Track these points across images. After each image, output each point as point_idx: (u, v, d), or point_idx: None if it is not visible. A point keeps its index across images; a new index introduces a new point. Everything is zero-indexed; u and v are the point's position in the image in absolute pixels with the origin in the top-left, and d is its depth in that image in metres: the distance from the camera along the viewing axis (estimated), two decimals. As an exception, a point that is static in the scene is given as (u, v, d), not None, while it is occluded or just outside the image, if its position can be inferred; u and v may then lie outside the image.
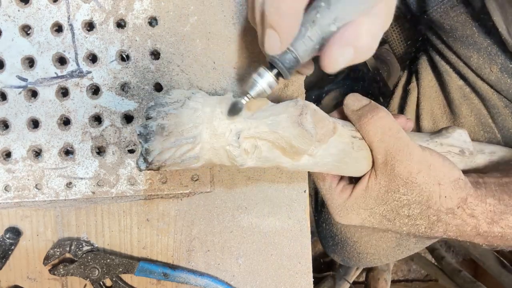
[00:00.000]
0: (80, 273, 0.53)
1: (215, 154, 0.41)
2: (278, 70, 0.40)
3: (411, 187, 0.45)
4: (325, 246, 0.90)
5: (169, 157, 0.39)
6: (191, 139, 0.39)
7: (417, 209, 0.46)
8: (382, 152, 0.45)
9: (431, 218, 0.46)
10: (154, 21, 0.53)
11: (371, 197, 0.46)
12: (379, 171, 0.45)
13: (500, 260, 1.22)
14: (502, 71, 0.65)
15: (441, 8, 0.67)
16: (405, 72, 0.84)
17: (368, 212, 0.47)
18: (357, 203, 0.47)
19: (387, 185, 0.45)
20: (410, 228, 0.48)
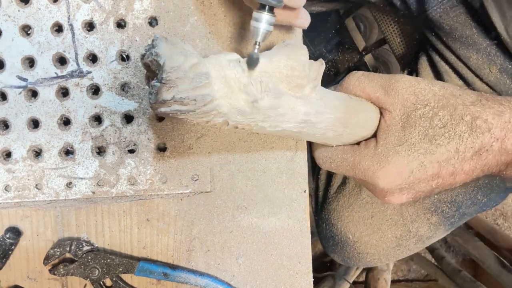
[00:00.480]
0: (80, 273, 0.53)
1: (225, 83, 0.39)
2: (268, 5, 0.41)
3: (423, 95, 0.43)
4: (325, 246, 0.90)
5: (179, 65, 0.36)
6: (196, 54, 0.38)
7: (447, 114, 0.43)
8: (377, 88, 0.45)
9: (466, 118, 0.43)
10: (154, 21, 0.53)
11: (398, 130, 0.44)
12: (387, 104, 0.45)
13: (500, 260, 1.22)
14: (501, 72, 0.65)
15: (440, 8, 0.67)
16: (405, 72, 0.84)
17: (406, 146, 0.44)
18: (389, 143, 0.44)
19: (404, 110, 0.44)
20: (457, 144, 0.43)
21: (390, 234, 0.77)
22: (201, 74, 0.37)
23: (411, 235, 0.76)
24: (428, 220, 0.75)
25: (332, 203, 0.83)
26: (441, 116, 0.43)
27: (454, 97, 0.44)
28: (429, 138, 0.43)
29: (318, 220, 0.90)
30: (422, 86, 0.44)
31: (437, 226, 0.76)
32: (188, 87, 0.36)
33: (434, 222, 0.75)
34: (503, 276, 1.17)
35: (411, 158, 0.44)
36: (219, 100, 0.38)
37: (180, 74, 0.36)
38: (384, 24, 0.99)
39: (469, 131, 0.43)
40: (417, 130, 0.43)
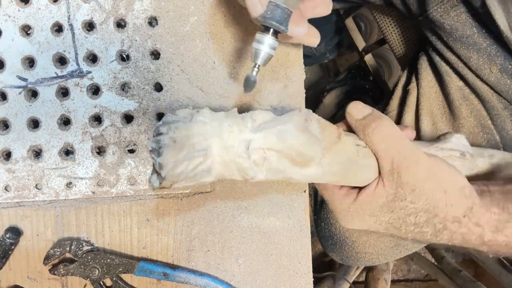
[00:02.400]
0: (80, 273, 0.53)
1: (226, 167, 0.41)
2: (273, 29, 0.40)
3: (418, 195, 0.44)
4: (324, 245, 0.90)
5: (181, 171, 0.39)
6: (202, 151, 0.39)
7: (424, 217, 0.46)
8: (388, 160, 0.45)
9: (437, 226, 0.46)
10: (154, 21, 0.53)
11: (377, 204, 0.46)
12: (386, 179, 0.45)
13: (500, 260, 1.22)
14: (501, 72, 0.65)
15: (441, 8, 0.67)
16: (405, 72, 0.84)
17: (374, 218, 0.47)
18: (362, 209, 0.47)
19: (394, 193, 0.45)
20: (415, 235, 0.47)
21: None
22: (202, 171, 0.40)
23: None
24: None
25: None
26: (418, 216, 0.46)
27: (444, 206, 0.45)
28: (396, 225, 0.47)
29: (317, 219, 0.90)
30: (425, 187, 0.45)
31: None
32: (187, 182, 0.40)
33: None
34: (503, 276, 1.17)
35: (372, 228, 0.48)
36: (215, 178, 0.41)
37: (181, 177, 0.39)
38: (384, 24, 0.99)
39: (433, 233, 0.47)
40: (391, 215, 0.46)
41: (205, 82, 0.54)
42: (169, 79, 0.53)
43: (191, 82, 0.54)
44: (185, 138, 0.39)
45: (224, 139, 0.40)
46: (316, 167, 0.43)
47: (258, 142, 0.40)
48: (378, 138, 0.45)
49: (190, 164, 0.39)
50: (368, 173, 0.46)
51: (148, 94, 0.53)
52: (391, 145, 0.45)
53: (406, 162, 0.44)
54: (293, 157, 0.41)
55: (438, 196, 0.45)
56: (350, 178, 0.46)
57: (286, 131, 0.41)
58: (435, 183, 0.45)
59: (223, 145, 0.40)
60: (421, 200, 0.45)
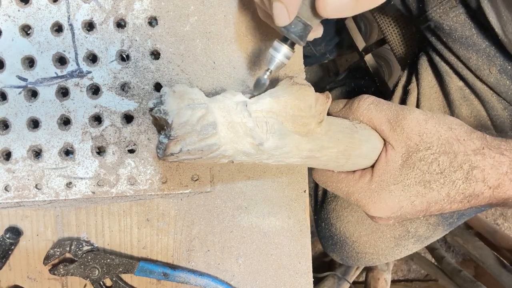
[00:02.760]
0: (80, 273, 0.53)
1: (232, 129, 0.40)
2: (291, 40, 0.42)
3: (428, 138, 0.44)
4: (324, 245, 0.90)
5: (187, 120, 0.38)
6: (203, 104, 0.39)
7: (446, 161, 0.44)
8: (384, 120, 0.45)
9: (464, 167, 0.44)
10: (154, 21, 0.53)
11: (396, 168, 0.44)
12: (391, 139, 0.45)
13: (500, 260, 1.22)
14: (501, 73, 0.65)
15: (440, 9, 0.67)
16: (405, 72, 0.84)
17: (400, 186, 0.45)
18: (384, 181, 0.45)
19: (406, 149, 0.44)
20: (449, 190, 0.45)
21: (389, 234, 0.77)
22: (208, 125, 0.39)
23: (409, 235, 0.76)
24: (426, 220, 0.75)
25: (331, 203, 0.83)
26: (440, 161, 0.44)
27: (458, 143, 0.44)
28: (424, 182, 0.44)
29: (318, 219, 0.90)
30: (428, 127, 0.44)
31: (435, 226, 0.76)
32: (195, 139, 0.38)
33: (433, 223, 0.75)
34: (503, 276, 1.17)
35: (403, 198, 0.45)
36: (225, 145, 0.40)
37: (187, 129, 0.38)
38: (384, 24, 0.99)
39: (464, 179, 0.44)
40: (414, 173, 0.44)
41: (205, 82, 0.54)
42: (169, 79, 0.53)
43: (191, 82, 0.54)
44: (184, 92, 0.39)
45: (220, 101, 0.40)
46: (319, 132, 0.43)
47: (255, 106, 0.41)
48: (365, 107, 0.46)
49: (193, 114, 0.38)
50: (372, 142, 0.46)
51: (148, 94, 0.53)
52: (379, 107, 0.45)
53: (401, 113, 0.44)
54: (292, 117, 0.42)
55: (446, 134, 0.44)
56: (357, 148, 0.46)
57: (277, 90, 0.42)
58: (437, 122, 0.44)
59: (222, 106, 0.40)
60: (433, 143, 0.44)
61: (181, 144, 0.38)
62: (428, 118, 0.45)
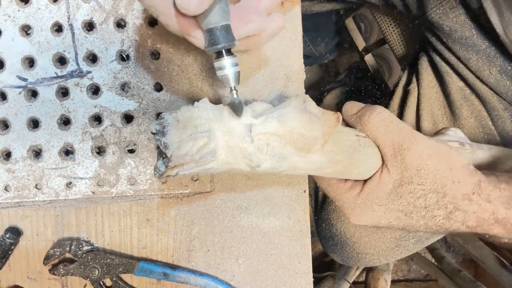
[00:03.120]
0: (80, 273, 0.53)
1: (231, 153, 0.40)
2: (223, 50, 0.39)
3: (424, 174, 0.44)
4: (325, 246, 0.90)
5: (187, 152, 0.38)
6: (206, 133, 0.39)
7: (434, 199, 0.45)
8: (389, 144, 0.45)
9: (448, 207, 0.45)
10: (154, 21, 0.53)
11: (385, 192, 0.45)
12: (389, 164, 0.45)
13: (500, 260, 1.22)
14: (501, 73, 0.65)
15: (440, 9, 0.67)
16: (406, 72, 0.84)
17: (383, 208, 0.46)
18: (370, 200, 0.46)
19: (400, 178, 0.44)
20: (428, 221, 0.46)
21: (390, 234, 0.77)
22: (207, 154, 0.39)
23: (410, 235, 0.76)
24: None
25: (332, 204, 0.83)
26: (428, 198, 0.45)
27: (451, 184, 0.45)
28: (406, 212, 0.46)
29: (318, 220, 0.90)
30: (429, 164, 0.44)
31: None
32: (192, 166, 0.39)
33: None
34: (503, 276, 1.17)
35: (382, 218, 0.47)
36: (222, 167, 0.41)
37: (186, 160, 0.39)
38: (384, 24, 0.99)
39: (445, 216, 0.46)
40: (400, 201, 0.46)
41: (205, 82, 0.54)
42: (169, 79, 0.53)
43: (191, 82, 0.54)
44: (188, 119, 0.39)
45: (225, 123, 0.40)
46: (320, 154, 0.43)
47: (260, 127, 0.40)
48: (375, 124, 0.45)
49: (194, 145, 0.38)
50: (372, 162, 0.46)
51: (148, 94, 0.53)
52: (389, 129, 0.45)
53: (407, 143, 0.44)
54: (295, 140, 0.41)
55: (443, 174, 0.44)
56: (354, 168, 0.46)
57: (286, 114, 0.41)
58: (438, 161, 0.44)
59: (226, 129, 0.40)
60: (427, 180, 0.44)
61: (179, 169, 0.39)
62: (431, 154, 0.44)
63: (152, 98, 0.53)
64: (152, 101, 0.53)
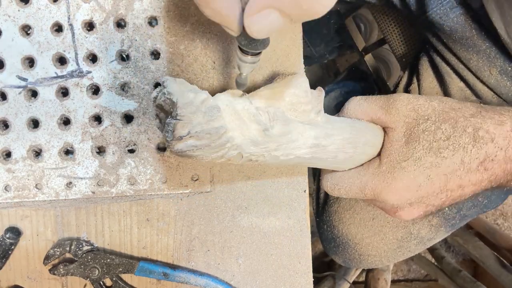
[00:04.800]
0: (80, 273, 0.53)
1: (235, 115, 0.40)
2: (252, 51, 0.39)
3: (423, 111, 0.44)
4: (326, 247, 0.90)
5: (190, 101, 0.38)
6: (205, 91, 0.40)
7: (449, 127, 0.44)
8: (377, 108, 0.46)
9: (468, 130, 0.44)
10: (154, 21, 0.53)
11: (402, 146, 0.44)
12: (389, 122, 0.45)
13: (500, 260, 1.22)
14: (501, 74, 0.65)
15: (440, 9, 0.67)
16: (406, 73, 0.83)
17: (411, 161, 0.44)
18: (393, 160, 0.44)
19: (406, 126, 0.44)
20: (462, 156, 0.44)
21: (391, 236, 0.77)
22: (212, 108, 0.39)
23: (412, 236, 0.76)
24: (429, 222, 0.75)
25: (333, 205, 0.83)
26: (443, 129, 0.43)
27: (454, 111, 0.44)
28: (434, 151, 0.43)
29: (319, 221, 0.89)
30: (421, 102, 0.45)
31: (438, 228, 0.76)
32: (201, 121, 0.38)
33: (435, 224, 0.75)
34: (503, 276, 1.17)
35: (417, 172, 0.44)
36: (232, 131, 0.40)
37: (193, 109, 0.38)
38: (384, 24, 0.99)
39: (472, 142, 0.44)
40: (421, 144, 0.44)
41: (205, 82, 0.54)
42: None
43: (191, 82, 0.54)
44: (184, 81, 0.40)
45: (218, 94, 0.42)
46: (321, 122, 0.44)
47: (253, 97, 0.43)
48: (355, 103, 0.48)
49: (196, 97, 0.39)
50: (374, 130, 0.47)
51: (148, 94, 0.53)
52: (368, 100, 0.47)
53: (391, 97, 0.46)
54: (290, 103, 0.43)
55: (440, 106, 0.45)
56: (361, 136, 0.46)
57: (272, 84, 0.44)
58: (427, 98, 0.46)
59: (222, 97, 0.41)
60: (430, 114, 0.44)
61: (189, 126, 0.37)
62: (417, 96, 0.46)
63: (152, 98, 0.53)
64: (152, 101, 0.53)
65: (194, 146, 0.38)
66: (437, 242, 0.80)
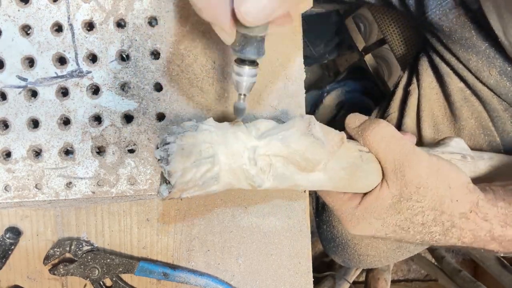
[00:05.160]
0: (80, 273, 0.53)
1: (233, 175, 0.41)
2: (247, 58, 0.39)
3: (423, 192, 0.44)
4: (326, 247, 0.90)
5: (190, 179, 0.39)
6: (210, 158, 0.40)
7: (431, 216, 0.45)
8: (390, 160, 0.45)
9: (445, 224, 0.46)
10: (154, 21, 0.53)
11: (383, 207, 0.46)
12: (389, 180, 0.45)
13: (500, 260, 1.22)
14: (501, 74, 0.65)
15: (439, 10, 0.67)
16: (406, 73, 0.83)
17: (380, 222, 0.46)
18: (368, 212, 0.46)
19: (399, 194, 0.45)
20: (424, 236, 0.47)
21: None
22: (210, 179, 0.40)
23: None
24: None
25: None
26: (425, 215, 0.45)
27: (450, 202, 0.45)
28: (403, 226, 0.46)
29: (319, 222, 0.89)
30: (429, 182, 0.44)
31: None
32: (196, 190, 0.40)
33: None
34: (503, 276, 1.17)
35: (379, 230, 0.47)
36: (223, 187, 0.42)
37: (189, 185, 0.40)
38: (384, 25, 0.99)
39: (441, 233, 0.46)
40: (398, 217, 0.46)
41: (205, 82, 0.54)
42: (169, 79, 0.53)
43: (191, 82, 0.54)
44: (192, 146, 0.40)
45: (229, 146, 0.40)
46: (322, 172, 0.43)
47: (264, 149, 0.41)
48: (378, 138, 0.45)
49: (198, 171, 0.39)
50: (372, 178, 0.46)
51: (148, 94, 0.53)
52: (391, 144, 0.45)
53: (408, 160, 0.44)
54: (298, 162, 0.41)
55: (443, 192, 0.45)
56: (355, 184, 0.46)
57: (290, 136, 0.41)
58: (438, 179, 0.45)
59: (229, 152, 0.40)
60: (426, 198, 0.44)
61: (181, 193, 0.40)
62: (431, 173, 0.45)
63: (152, 98, 0.53)
64: (152, 101, 0.53)
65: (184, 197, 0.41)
66: None
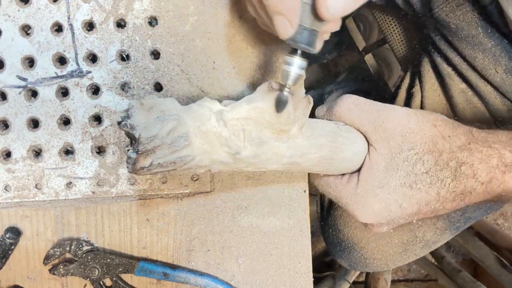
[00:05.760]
0: (80, 273, 0.53)
1: (205, 139, 0.39)
2: (301, 50, 0.41)
3: (410, 137, 0.43)
4: (332, 251, 0.89)
5: (156, 134, 0.36)
6: (174, 116, 0.38)
7: (431, 160, 0.43)
8: (366, 122, 0.44)
9: (451, 164, 0.42)
10: (154, 21, 0.53)
11: (380, 171, 0.43)
12: (374, 142, 0.44)
13: (500, 260, 1.22)
14: (506, 72, 0.65)
15: (447, 7, 0.66)
16: (408, 74, 0.83)
17: (385, 189, 0.43)
18: (369, 184, 0.44)
19: (389, 150, 0.43)
20: (439, 189, 0.43)
21: (397, 239, 0.76)
22: (179, 137, 0.37)
23: (417, 240, 0.76)
24: (434, 225, 0.74)
25: (338, 209, 0.83)
26: (425, 160, 0.43)
27: (443, 140, 0.43)
28: (410, 183, 0.43)
29: (324, 225, 0.89)
30: (411, 125, 0.43)
31: (443, 231, 0.75)
32: (166, 152, 0.37)
33: (440, 227, 0.75)
34: (503, 276, 1.17)
35: (390, 201, 0.44)
36: (200, 156, 0.39)
37: (157, 142, 0.36)
38: (384, 24, 0.98)
39: (452, 176, 0.43)
40: (399, 174, 0.43)
41: (205, 82, 0.54)
42: (169, 79, 0.53)
43: (191, 82, 0.54)
44: (153, 104, 0.38)
45: (194, 111, 0.39)
46: (301, 138, 0.42)
47: (231, 113, 0.40)
48: (346, 108, 0.44)
49: (163, 126, 0.37)
50: (357, 146, 0.45)
51: (148, 94, 0.53)
52: (360, 107, 0.44)
53: (383, 114, 0.43)
54: (270, 123, 0.40)
55: (430, 132, 0.43)
56: (340, 152, 0.45)
57: (254, 98, 0.41)
58: (420, 120, 0.43)
59: (195, 115, 0.39)
60: (416, 142, 0.43)
61: (152, 157, 0.37)
62: (410, 116, 0.43)
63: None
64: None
65: (157, 172, 0.38)
66: (441, 244, 0.80)
